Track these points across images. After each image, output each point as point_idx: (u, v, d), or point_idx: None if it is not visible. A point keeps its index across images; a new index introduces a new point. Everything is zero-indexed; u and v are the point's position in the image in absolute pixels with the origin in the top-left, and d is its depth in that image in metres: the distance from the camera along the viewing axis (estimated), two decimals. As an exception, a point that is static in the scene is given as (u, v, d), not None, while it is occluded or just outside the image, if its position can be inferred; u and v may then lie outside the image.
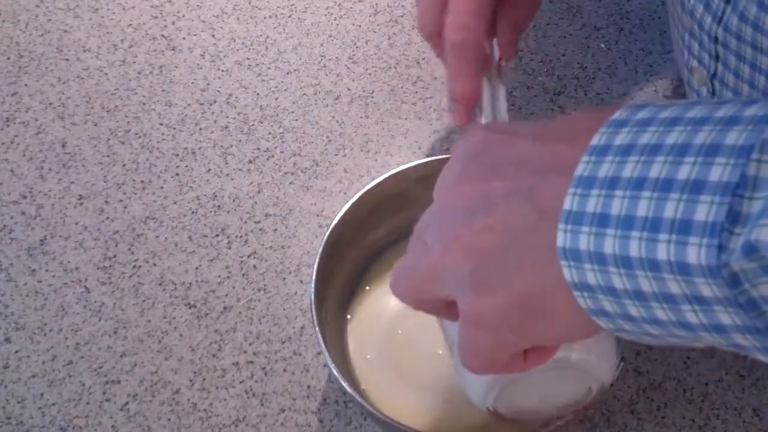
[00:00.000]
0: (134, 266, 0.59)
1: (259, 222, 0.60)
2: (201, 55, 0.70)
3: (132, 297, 0.57)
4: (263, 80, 0.68)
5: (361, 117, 0.65)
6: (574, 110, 0.64)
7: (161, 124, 0.66)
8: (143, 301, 0.57)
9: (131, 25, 0.72)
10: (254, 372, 0.54)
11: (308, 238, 0.59)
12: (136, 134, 0.65)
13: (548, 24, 0.70)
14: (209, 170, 0.63)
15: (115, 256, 0.59)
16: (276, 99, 0.67)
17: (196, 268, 0.58)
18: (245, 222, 0.60)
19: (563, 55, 0.68)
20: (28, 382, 0.54)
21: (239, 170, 0.63)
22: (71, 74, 0.69)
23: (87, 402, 0.53)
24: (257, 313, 0.56)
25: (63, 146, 0.65)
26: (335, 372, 0.46)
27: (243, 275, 0.58)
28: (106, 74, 0.69)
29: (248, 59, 0.69)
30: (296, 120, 0.65)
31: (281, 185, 0.62)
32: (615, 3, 0.71)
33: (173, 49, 0.70)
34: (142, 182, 0.63)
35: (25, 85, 0.68)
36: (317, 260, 0.49)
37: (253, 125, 0.65)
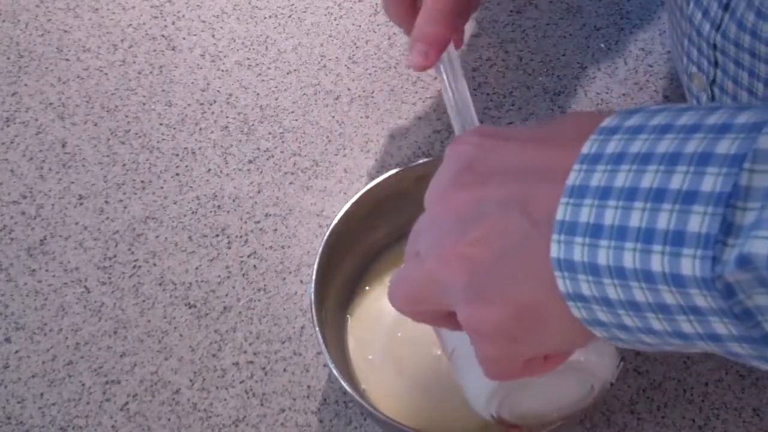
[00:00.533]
0: (134, 266, 0.59)
1: (259, 222, 0.60)
2: (201, 55, 0.70)
3: (132, 297, 0.57)
4: (263, 80, 0.68)
5: (361, 117, 0.65)
6: (571, 110, 0.64)
7: (161, 124, 0.66)
8: (143, 301, 0.57)
9: (131, 25, 0.72)
10: (254, 372, 0.54)
11: (308, 238, 0.59)
12: (136, 134, 0.65)
13: (548, 24, 0.70)
14: (209, 170, 0.63)
15: (115, 256, 0.59)
16: (276, 99, 0.67)
17: (196, 268, 0.58)
18: (245, 222, 0.60)
19: (563, 55, 0.68)
20: (28, 382, 0.54)
21: (239, 170, 0.63)
22: (71, 74, 0.69)
23: (87, 402, 0.53)
24: (257, 313, 0.56)
25: (63, 146, 0.65)
26: (335, 372, 0.46)
27: (243, 275, 0.58)
28: (106, 74, 0.69)
29: (248, 59, 0.69)
30: (296, 120, 0.65)
31: (281, 185, 0.62)
32: (615, 3, 0.71)
33: (173, 49, 0.70)
34: (142, 182, 0.63)
35: (25, 85, 0.68)
36: (317, 260, 0.49)
37: (253, 125, 0.65)
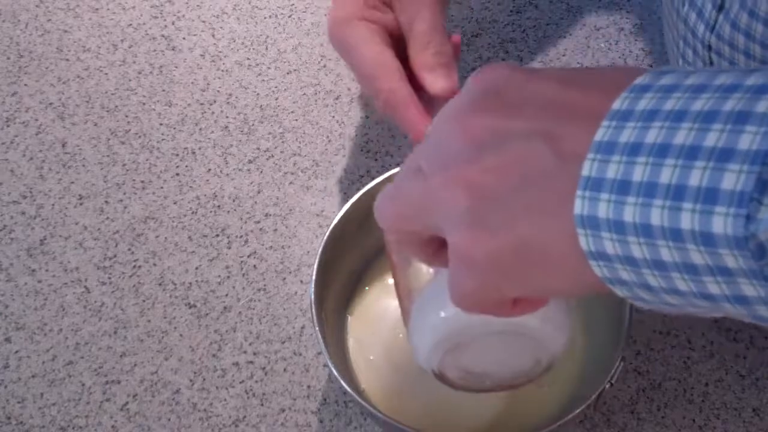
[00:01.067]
0: (134, 266, 0.59)
1: (259, 222, 0.60)
2: (201, 55, 0.70)
3: (132, 297, 0.57)
4: (263, 80, 0.68)
5: (361, 117, 0.65)
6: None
7: (161, 124, 0.66)
8: (143, 301, 0.57)
9: (131, 25, 0.72)
10: (254, 372, 0.54)
11: (308, 238, 0.59)
12: (136, 134, 0.65)
13: (548, 24, 0.70)
14: (209, 170, 0.63)
15: (115, 256, 0.59)
16: (276, 99, 0.67)
17: (196, 268, 0.58)
18: (245, 222, 0.60)
19: (563, 55, 0.68)
20: (28, 382, 0.54)
21: (239, 170, 0.63)
22: (71, 74, 0.69)
23: (87, 402, 0.53)
24: (257, 313, 0.56)
25: (63, 146, 0.65)
26: (335, 372, 0.46)
27: (243, 275, 0.58)
28: (106, 74, 0.69)
29: (248, 59, 0.69)
30: (296, 120, 0.65)
31: (281, 185, 0.62)
32: (615, 3, 0.71)
33: (173, 49, 0.70)
34: (142, 182, 0.63)
35: (25, 85, 0.68)
36: (317, 260, 0.49)
37: (253, 125, 0.65)
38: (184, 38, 0.71)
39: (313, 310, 0.48)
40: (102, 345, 0.56)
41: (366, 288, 0.55)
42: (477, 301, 0.33)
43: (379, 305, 0.53)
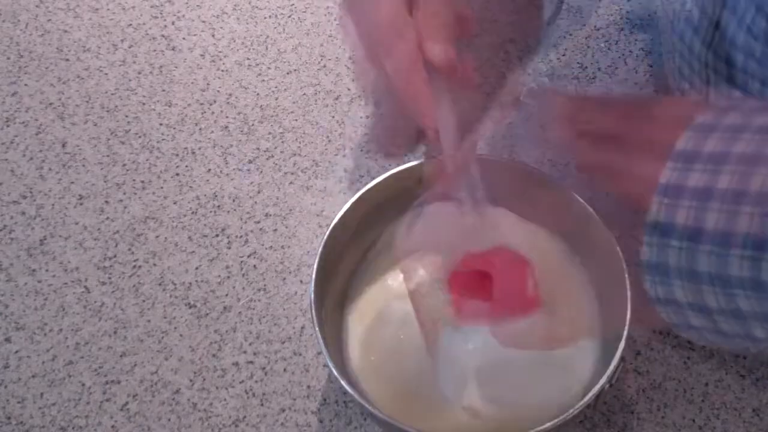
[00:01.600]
0: (134, 266, 0.59)
1: (259, 222, 0.60)
2: (201, 55, 0.70)
3: (132, 297, 0.57)
4: (263, 80, 0.68)
5: (361, 117, 0.65)
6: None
7: (161, 124, 0.66)
8: (143, 301, 0.57)
9: (131, 25, 0.72)
10: (254, 372, 0.54)
11: (308, 238, 0.59)
12: (136, 134, 0.65)
13: (548, 24, 0.70)
14: (209, 170, 0.63)
15: (115, 256, 0.59)
16: (276, 99, 0.67)
17: (196, 268, 0.58)
18: (245, 222, 0.60)
19: (563, 55, 0.68)
20: (28, 382, 0.54)
21: (239, 170, 0.63)
22: (71, 74, 0.69)
23: (87, 402, 0.53)
24: (257, 313, 0.56)
25: (63, 146, 0.65)
26: (335, 372, 0.46)
27: (243, 275, 0.58)
28: (106, 74, 0.69)
29: (248, 59, 0.69)
30: (296, 120, 0.65)
31: (281, 185, 0.62)
32: (615, 3, 0.71)
33: (173, 49, 0.70)
34: (142, 182, 0.63)
35: (25, 85, 0.68)
36: (317, 260, 0.49)
37: (253, 125, 0.65)
38: (184, 38, 0.71)
39: (313, 310, 0.48)
40: (102, 345, 0.56)
41: (366, 288, 0.54)
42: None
43: (379, 305, 0.53)
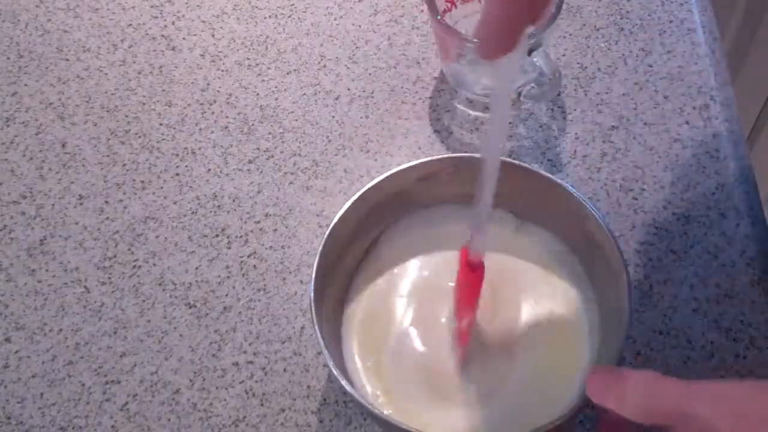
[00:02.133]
0: (134, 266, 0.59)
1: (259, 222, 0.60)
2: (201, 55, 0.70)
3: (132, 297, 0.57)
4: (263, 80, 0.68)
5: (361, 117, 0.65)
6: (571, 110, 0.64)
7: (161, 124, 0.66)
8: (143, 301, 0.57)
9: (131, 25, 0.72)
10: (254, 372, 0.54)
11: (308, 238, 0.59)
12: (136, 134, 0.65)
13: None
14: (209, 170, 0.63)
15: (115, 256, 0.59)
16: (276, 99, 0.67)
17: (196, 268, 0.58)
18: (245, 222, 0.60)
19: (563, 55, 0.68)
20: (28, 382, 0.54)
21: (239, 170, 0.63)
22: (71, 74, 0.69)
23: (87, 402, 0.53)
24: (257, 313, 0.56)
25: (63, 146, 0.65)
26: (335, 372, 0.46)
27: (243, 275, 0.58)
28: (106, 74, 0.69)
29: (248, 59, 0.69)
30: (296, 120, 0.65)
31: (281, 185, 0.62)
32: (615, 3, 0.71)
33: (173, 49, 0.70)
34: (142, 182, 0.63)
35: (25, 85, 0.68)
36: (317, 260, 0.49)
37: (253, 125, 0.65)
38: (184, 38, 0.71)
39: (313, 310, 0.48)
40: (102, 345, 0.56)
41: (366, 288, 0.54)
42: None
43: (380, 305, 0.53)
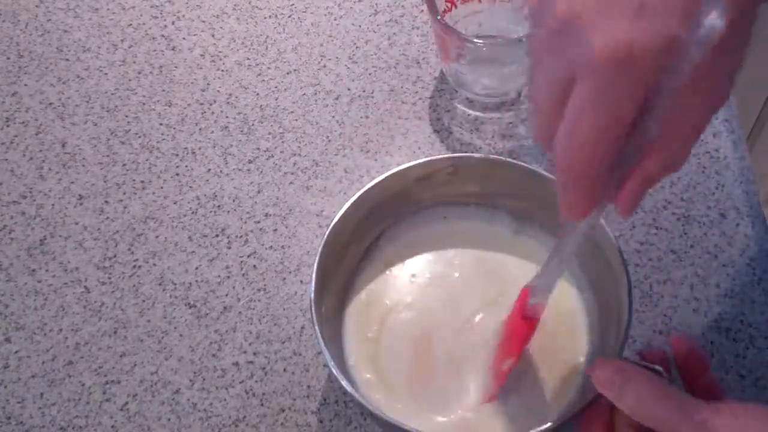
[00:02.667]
0: (134, 266, 0.59)
1: (259, 222, 0.60)
2: (201, 55, 0.70)
3: (132, 297, 0.57)
4: (263, 80, 0.68)
5: (361, 117, 0.65)
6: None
7: (161, 124, 0.66)
8: (143, 301, 0.57)
9: (131, 25, 0.72)
10: (254, 372, 0.54)
11: (308, 238, 0.59)
12: (136, 134, 0.65)
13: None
14: (209, 170, 0.63)
15: (115, 256, 0.59)
16: (276, 99, 0.67)
17: (196, 268, 0.58)
18: (245, 222, 0.60)
19: (563, 55, 0.68)
20: (28, 382, 0.54)
21: (239, 170, 0.63)
22: (71, 74, 0.69)
23: (87, 402, 0.53)
24: (257, 313, 0.56)
25: (63, 146, 0.65)
26: (335, 372, 0.46)
27: (243, 275, 0.58)
28: (106, 74, 0.69)
29: (248, 59, 0.69)
30: (296, 120, 0.65)
31: (281, 185, 0.62)
32: (615, 3, 0.71)
33: (173, 49, 0.70)
34: (142, 182, 0.63)
35: (25, 85, 0.68)
36: (317, 260, 0.49)
37: (253, 125, 0.65)
38: (184, 38, 0.71)
39: (313, 310, 0.48)
40: (102, 345, 0.56)
41: (366, 288, 0.54)
42: None
43: (380, 305, 0.53)
